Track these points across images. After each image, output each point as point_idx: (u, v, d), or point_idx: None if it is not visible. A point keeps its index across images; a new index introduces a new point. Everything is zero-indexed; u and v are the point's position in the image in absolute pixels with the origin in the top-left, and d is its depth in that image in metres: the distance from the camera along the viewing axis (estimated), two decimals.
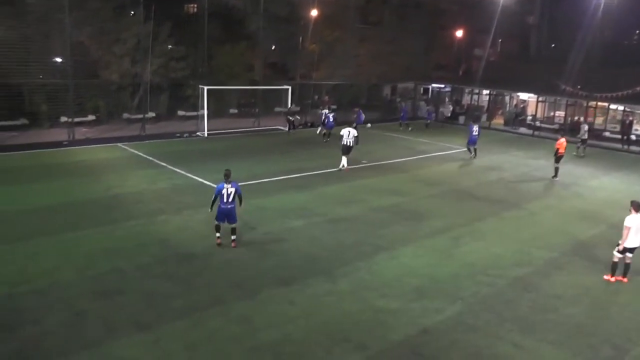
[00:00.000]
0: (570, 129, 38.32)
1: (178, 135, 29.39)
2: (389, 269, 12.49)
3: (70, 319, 9.57)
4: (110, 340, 8.91)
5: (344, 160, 22.67)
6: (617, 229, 16.58)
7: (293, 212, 16.36)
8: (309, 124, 35.67)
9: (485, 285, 12.00)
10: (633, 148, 35.73)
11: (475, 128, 27.35)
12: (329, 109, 32.47)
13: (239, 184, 13.61)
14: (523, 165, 26.61)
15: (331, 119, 30.17)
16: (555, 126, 40.71)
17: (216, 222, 13.33)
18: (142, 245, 13.14)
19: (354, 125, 26.60)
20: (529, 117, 42.72)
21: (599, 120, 39.95)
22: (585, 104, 39.59)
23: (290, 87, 34.21)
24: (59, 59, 28.42)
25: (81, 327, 9.32)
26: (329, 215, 16.34)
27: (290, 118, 32.73)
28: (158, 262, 12.20)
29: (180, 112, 34.52)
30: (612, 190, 22.13)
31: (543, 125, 41.11)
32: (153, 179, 19.49)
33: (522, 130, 41.23)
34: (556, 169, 23.91)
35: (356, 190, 19.58)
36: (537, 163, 27.55)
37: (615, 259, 12.66)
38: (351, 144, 22.63)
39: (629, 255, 12.57)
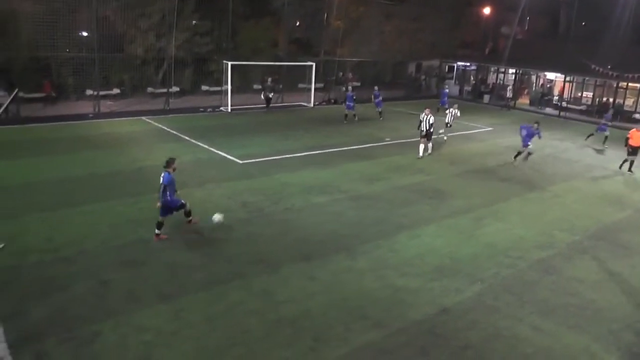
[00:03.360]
0: (597, 111, 37.68)
1: (202, 109, 29.56)
2: (410, 248, 12.49)
3: (96, 287, 9.79)
4: (133, 310, 9.11)
5: (423, 149, 21.49)
6: None
7: (315, 189, 16.42)
8: (333, 101, 35.54)
9: (505, 266, 11.94)
10: None
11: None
12: (346, 88, 31.67)
13: (262, 159, 13.55)
14: (548, 146, 26.18)
15: (350, 99, 28.31)
16: (583, 107, 39.96)
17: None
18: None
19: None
20: (556, 98, 41.98)
21: (629, 101, 39.03)
22: (615, 85, 38.69)
23: (314, 64, 34.02)
24: (85, 33, 28.67)
25: (106, 295, 9.54)
26: (352, 192, 16.36)
27: (269, 95, 31.14)
28: (180, 235, 12.38)
29: (204, 87, 34.66)
30: (638, 173, 21.74)
31: (570, 106, 40.33)
32: (176, 153, 19.53)
33: (548, 110, 40.58)
34: (631, 162, 21.59)
35: (380, 167, 19.55)
36: (563, 145, 27.13)
37: None
38: (429, 129, 21.18)
39: None
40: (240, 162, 18.89)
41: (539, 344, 9.02)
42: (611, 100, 38.81)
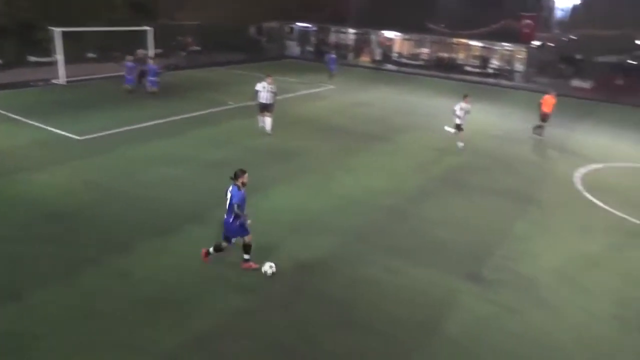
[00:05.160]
0: (435, 65, 41.14)
1: (32, 84, 26.95)
2: (264, 209, 12.50)
3: None
4: None
5: (267, 122, 19.13)
6: (481, 156, 18.22)
7: (163, 159, 15.87)
8: (173, 67, 34.17)
9: (359, 216, 12.63)
10: (489, 80, 38.83)
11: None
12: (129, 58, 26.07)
13: (105, 132, 12.63)
14: (390, 100, 27.79)
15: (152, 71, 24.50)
16: (421, 62, 43.06)
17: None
18: (3, 208, 12.17)
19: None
20: (395, 55, 44.59)
21: (461, 55, 42.94)
22: (448, 42, 42.36)
23: (152, 29, 32.13)
24: None
25: None
26: (201, 159, 16.07)
27: (143, 68, 26.09)
28: (23, 225, 11.31)
29: (32, 58, 31.53)
30: (474, 121, 23.94)
31: (409, 61, 43.26)
32: (8, 134, 17.89)
33: (389, 67, 42.89)
34: (541, 127, 21.90)
35: (228, 132, 19.40)
36: (403, 98, 28.94)
37: None
38: (270, 101, 18.95)
39: None
40: (81, 138, 17.52)
41: (396, 283, 9.74)
42: (447, 55, 42.60)
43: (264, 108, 18.96)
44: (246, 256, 9.86)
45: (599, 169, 18.32)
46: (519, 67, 41.01)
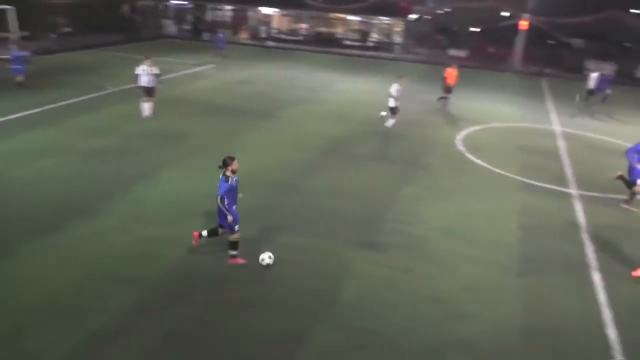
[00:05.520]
0: (315, 40, 41.53)
1: None
2: (151, 196, 11.97)
3: None
4: None
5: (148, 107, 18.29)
6: (365, 125, 18.59)
7: (41, 152, 14.41)
8: (42, 52, 31.34)
9: (251, 194, 12.36)
10: (368, 53, 39.88)
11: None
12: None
13: None
14: (272, 76, 27.66)
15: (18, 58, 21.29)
16: (300, 38, 43.26)
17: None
18: None
19: None
20: (275, 31, 44.45)
21: (340, 30, 43.63)
22: (326, 17, 42.88)
23: (13, 8, 29.05)
24: None
25: None
26: (82, 149, 14.85)
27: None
28: None
29: None
30: (360, 93, 24.56)
31: (289, 37, 43.27)
32: None
33: (269, 43, 42.61)
34: (445, 99, 22.32)
35: (109, 118, 18.10)
36: (285, 74, 28.89)
37: None
38: (152, 85, 18.00)
39: None
40: None
41: (294, 259, 9.66)
42: (326, 30, 43.04)
43: (147, 92, 18.00)
44: (232, 252, 9.39)
45: (479, 131, 19.45)
46: (397, 39, 42.40)
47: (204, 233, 9.70)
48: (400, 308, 8.48)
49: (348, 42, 42.27)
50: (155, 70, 18.06)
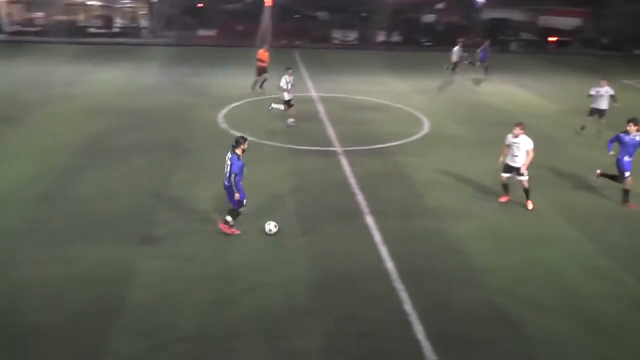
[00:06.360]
0: (56, 30, 37.53)
1: None
2: None
3: None
4: None
5: None
6: (126, 117, 17.50)
7: None
8: None
9: (9, 212, 10.74)
10: (116, 40, 37.57)
11: None
12: None
13: None
14: (13, 75, 24.53)
15: None
16: (38, 28, 38.47)
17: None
18: None
19: None
20: (6, 21, 38.82)
21: (82, 17, 40.19)
22: (63, 3, 39.00)
23: None
24: None
25: None
26: None
27: None
28: None
29: None
30: (109, 83, 22.94)
31: (25, 29, 38.15)
32: None
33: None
34: (263, 81, 22.00)
35: None
36: (32, 69, 25.81)
37: None
38: None
39: None
40: None
41: (68, 272, 8.57)
42: (66, 18, 38.95)
43: None
44: (228, 218, 9.82)
45: (238, 107, 19.64)
46: (144, 23, 40.73)
47: (229, 219, 9.85)
48: (192, 295, 8.16)
49: (93, 30, 39.11)
50: None
